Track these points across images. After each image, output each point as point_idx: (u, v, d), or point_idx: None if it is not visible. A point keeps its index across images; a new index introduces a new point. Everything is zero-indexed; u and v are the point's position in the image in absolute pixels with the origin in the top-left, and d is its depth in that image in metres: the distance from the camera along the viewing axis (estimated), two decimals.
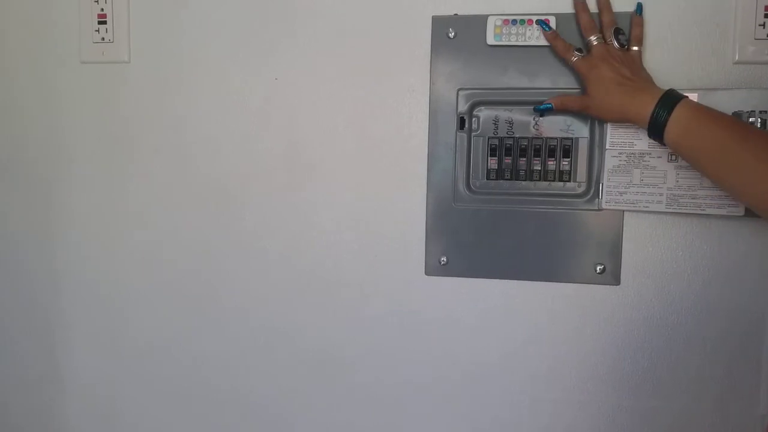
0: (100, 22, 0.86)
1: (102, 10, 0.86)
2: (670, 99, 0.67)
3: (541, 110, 0.77)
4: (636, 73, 0.71)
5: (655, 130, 0.68)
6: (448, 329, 0.84)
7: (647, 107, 0.68)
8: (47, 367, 0.96)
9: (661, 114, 0.67)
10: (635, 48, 0.73)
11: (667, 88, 0.68)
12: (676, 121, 0.66)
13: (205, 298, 0.90)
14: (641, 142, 0.76)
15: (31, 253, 0.95)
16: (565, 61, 0.75)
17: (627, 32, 0.73)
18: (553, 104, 0.76)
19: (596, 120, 0.77)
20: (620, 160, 0.77)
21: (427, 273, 0.84)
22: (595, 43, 0.73)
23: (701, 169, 0.68)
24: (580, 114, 0.77)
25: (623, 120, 0.72)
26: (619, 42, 0.72)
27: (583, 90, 0.74)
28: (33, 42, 0.91)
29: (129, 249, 0.92)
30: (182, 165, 0.89)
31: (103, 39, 0.87)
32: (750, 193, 0.63)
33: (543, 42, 0.76)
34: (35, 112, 0.93)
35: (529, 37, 0.76)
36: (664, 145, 0.69)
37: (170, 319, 0.92)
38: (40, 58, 0.91)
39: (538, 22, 0.76)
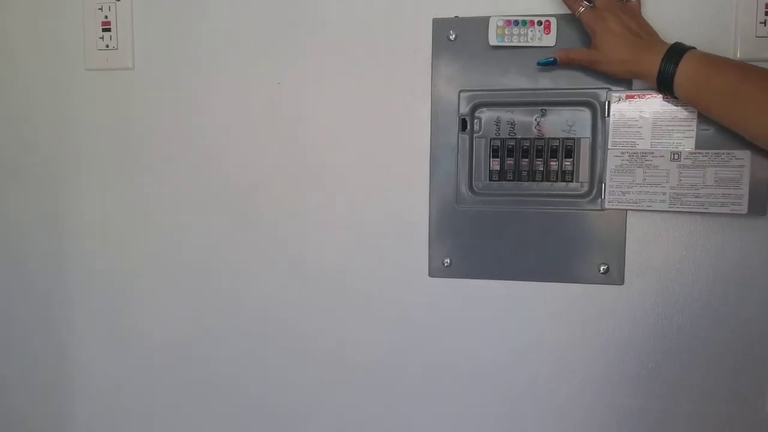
0: (104, 30, 0.87)
1: (106, 17, 0.87)
2: (677, 52, 0.67)
3: (544, 64, 0.75)
4: (641, 26, 0.70)
5: (664, 85, 0.68)
6: (452, 331, 0.84)
7: (654, 63, 0.67)
8: (59, 370, 0.97)
9: (668, 68, 0.67)
10: None
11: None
12: (684, 74, 0.66)
13: (213, 301, 0.91)
14: (643, 141, 0.76)
15: (41, 258, 0.96)
16: (571, 13, 0.74)
17: None
18: (557, 57, 0.74)
19: (603, 75, 0.74)
20: (623, 160, 0.77)
21: (431, 275, 0.84)
22: None
23: (717, 117, 0.68)
24: (585, 69, 0.74)
25: (630, 76, 0.72)
26: None
27: (589, 43, 0.73)
28: (39, 50, 0.92)
29: (137, 252, 0.92)
30: (187, 169, 0.90)
31: (107, 46, 0.88)
32: None
33: (545, 43, 0.76)
34: (42, 119, 0.93)
35: (531, 38, 0.77)
36: (676, 98, 0.69)
37: (180, 321, 0.92)
38: (47, 65, 0.92)
39: None
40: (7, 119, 0.95)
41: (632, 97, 0.76)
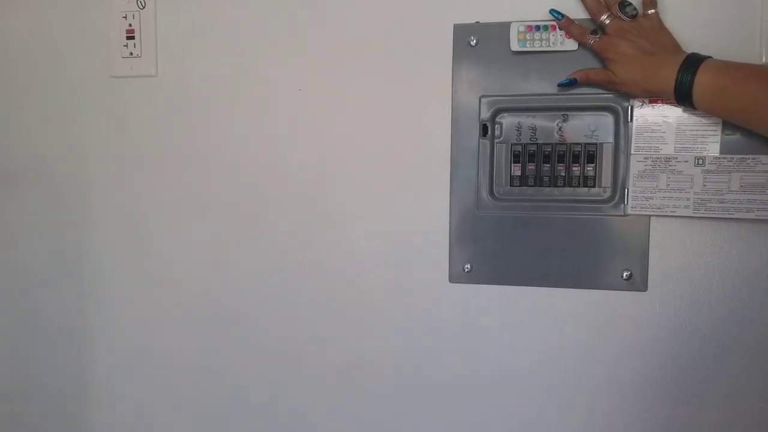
0: (128, 38, 0.88)
1: (130, 25, 0.88)
2: (692, 63, 0.66)
3: (565, 85, 0.76)
4: (655, 41, 0.69)
5: (683, 98, 0.67)
6: (472, 336, 0.84)
7: (670, 78, 0.67)
8: (72, 381, 0.98)
9: (685, 80, 0.66)
10: (651, 11, 0.71)
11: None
12: (702, 85, 0.66)
13: (231, 307, 0.91)
14: (667, 146, 0.76)
15: (56, 267, 0.96)
16: (582, 45, 0.75)
17: (636, 1, 0.72)
18: (577, 78, 0.75)
19: (625, 95, 0.75)
20: (646, 165, 0.76)
21: (452, 280, 0.84)
22: (607, 22, 0.71)
23: (741, 124, 0.68)
24: (607, 88, 0.75)
25: (649, 94, 0.72)
26: (626, 14, 0.70)
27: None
28: (65, 57, 0.93)
29: (155, 260, 0.93)
30: (209, 176, 0.90)
31: (131, 54, 0.89)
32: None
33: (567, 47, 0.76)
34: (67, 126, 0.94)
35: (553, 43, 0.76)
36: (696, 110, 0.69)
37: (196, 330, 0.92)
38: (73, 73, 0.93)
39: (551, 11, 0.75)
40: (34, 125, 0.96)
41: (655, 101, 0.75)
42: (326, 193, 0.87)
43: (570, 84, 0.75)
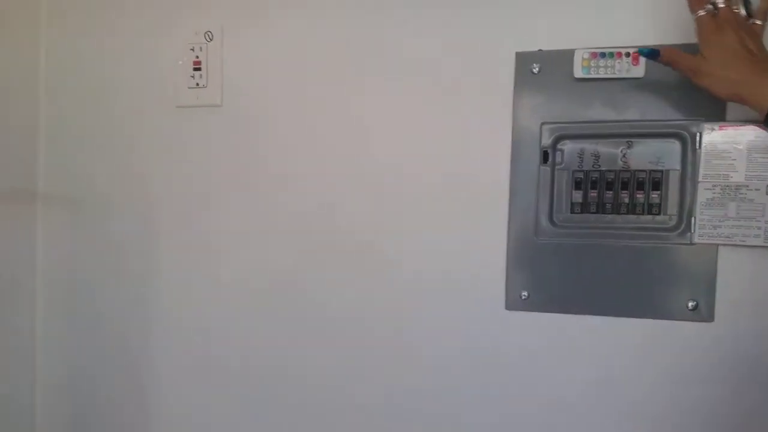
0: (195, 69, 0.91)
1: (197, 57, 0.91)
2: None
3: (646, 54, 0.69)
4: (761, 49, 0.65)
5: None
6: (529, 365, 0.83)
7: None
8: (138, 394, 1.00)
9: None
10: (758, 22, 0.66)
11: None
12: None
13: (298, 318, 0.92)
14: (737, 174, 0.73)
15: (120, 292, 0.99)
16: (690, 11, 0.67)
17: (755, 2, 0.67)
18: (661, 52, 0.68)
19: (706, 94, 0.67)
20: (714, 193, 0.74)
21: (508, 308, 0.83)
22: (721, 5, 0.65)
23: None
24: (686, 76, 0.68)
25: (735, 99, 0.66)
26: (747, 10, 0.66)
27: (697, 51, 0.66)
28: (133, 87, 0.97)
29: (219, 287, 0.94)
30: (273, 204, 0.92)
31: (197, 84, 0.92)
32: None
33: (633, 74, 0.75)
34: (133, 154, 0.98)
35: (619, 70, 0.75)
36: None
37: (269, 341, 0.93)
38: (140, 102, 0.97)
39: None
40: (101, 152, 0.99)
41: (725, 128, 0.73)
42: (386, 218, 0.87)
43: (651, 55, 0.69)
